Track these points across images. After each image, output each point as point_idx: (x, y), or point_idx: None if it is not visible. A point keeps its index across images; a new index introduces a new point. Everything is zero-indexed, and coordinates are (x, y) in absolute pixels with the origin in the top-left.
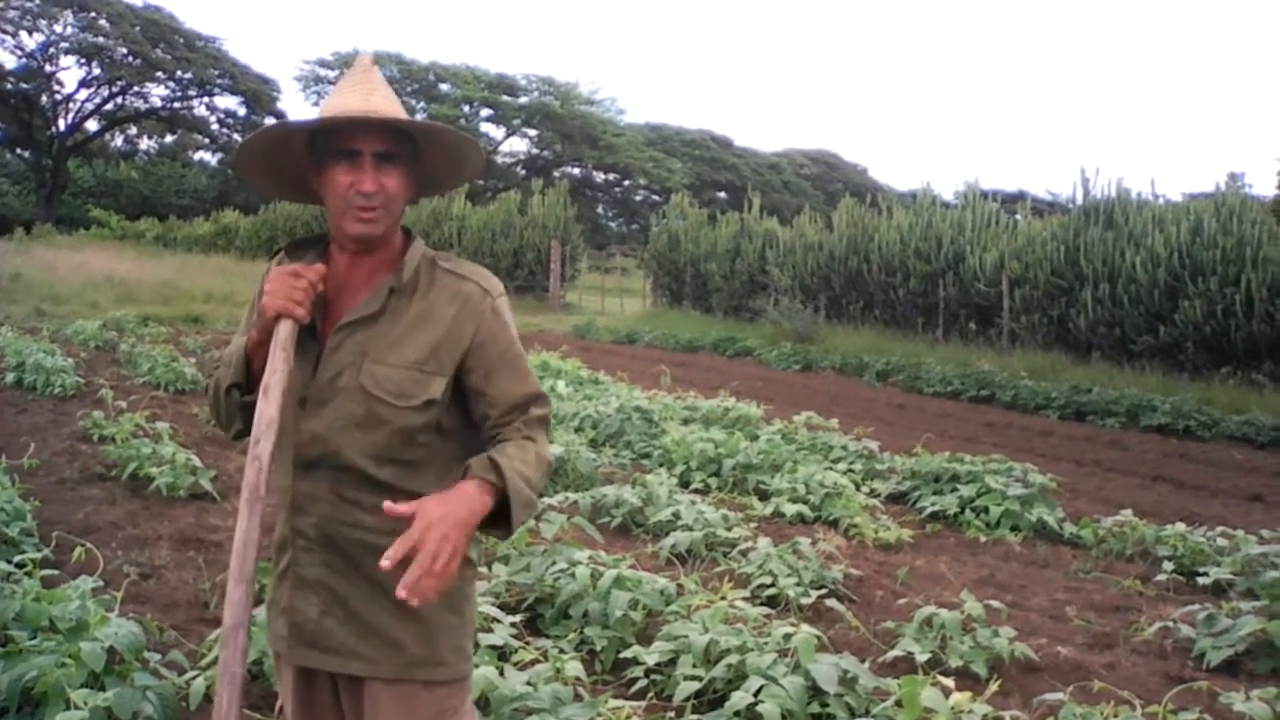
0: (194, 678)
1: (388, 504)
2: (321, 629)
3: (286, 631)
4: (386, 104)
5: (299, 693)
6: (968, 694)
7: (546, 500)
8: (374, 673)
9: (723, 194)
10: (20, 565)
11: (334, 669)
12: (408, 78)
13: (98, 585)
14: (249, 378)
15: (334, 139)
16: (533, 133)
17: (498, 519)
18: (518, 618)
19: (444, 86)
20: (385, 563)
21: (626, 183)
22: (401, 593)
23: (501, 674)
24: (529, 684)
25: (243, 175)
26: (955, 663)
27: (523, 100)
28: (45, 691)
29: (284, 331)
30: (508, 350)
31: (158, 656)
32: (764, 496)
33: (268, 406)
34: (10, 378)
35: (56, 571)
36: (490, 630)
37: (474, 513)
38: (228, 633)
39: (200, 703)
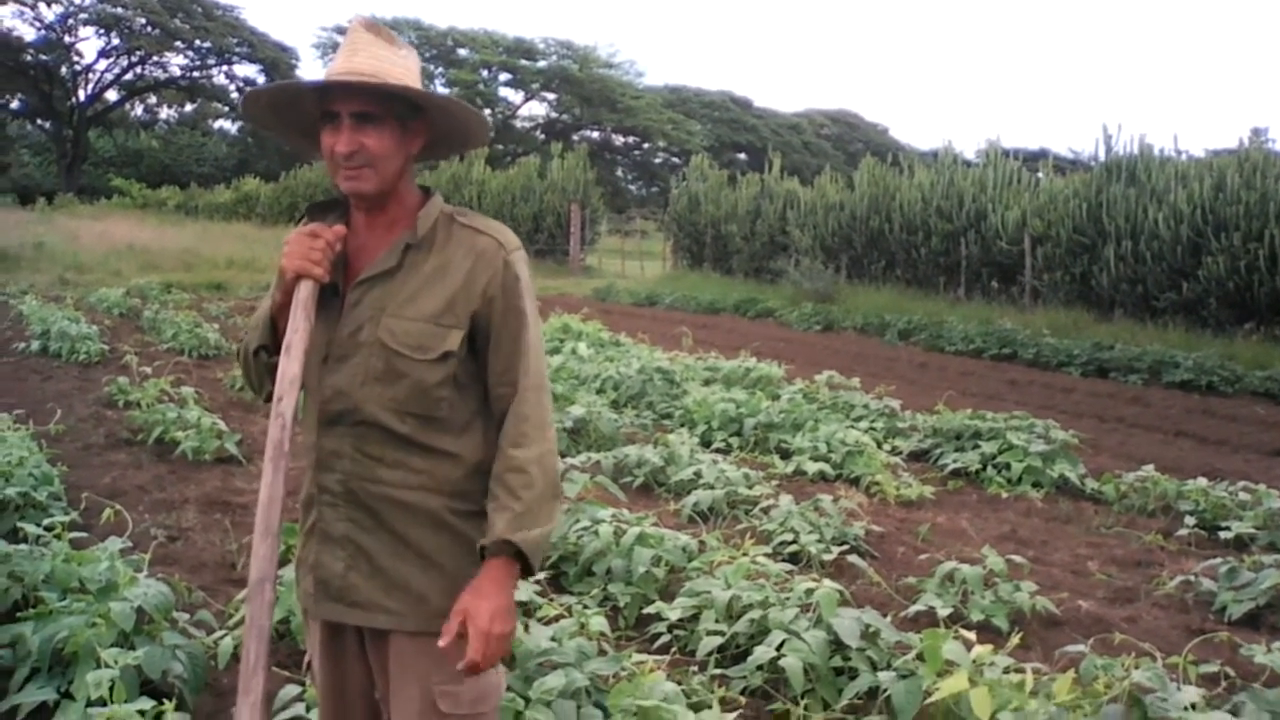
0: (222, 637)
1: (441, 643)
2: (347, 584)
3: (313, 587)
4: (370, 64)
5: (326, 647)
6: (989, 647)
7: (569, 460)
8: (399, 625)
9: (743, 155)
10: (49, 528)
11: (359, 623)
12: (426, 43)
13: (126, 547)
14: (275, 339)
15: (322, 102)
16: (551, 96)
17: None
18: (542, 575)
19: (462, 51)
20: (462, 670)
21: (646, 145)
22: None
23: (526, 630)
24: (553, 639)
25: (247, 109)
26: (977, 617)
27: (541, 64)
28: (76, 651)
29: (304, 291)
30: (514, 307)
31: (186, 616)
32: (785, 455)
33: (290, 364)
34: (35, 345)
35: (85, 534)
36: (515, 587)
37: (510, 593)
38: (254, 586)
39: (229, 661)
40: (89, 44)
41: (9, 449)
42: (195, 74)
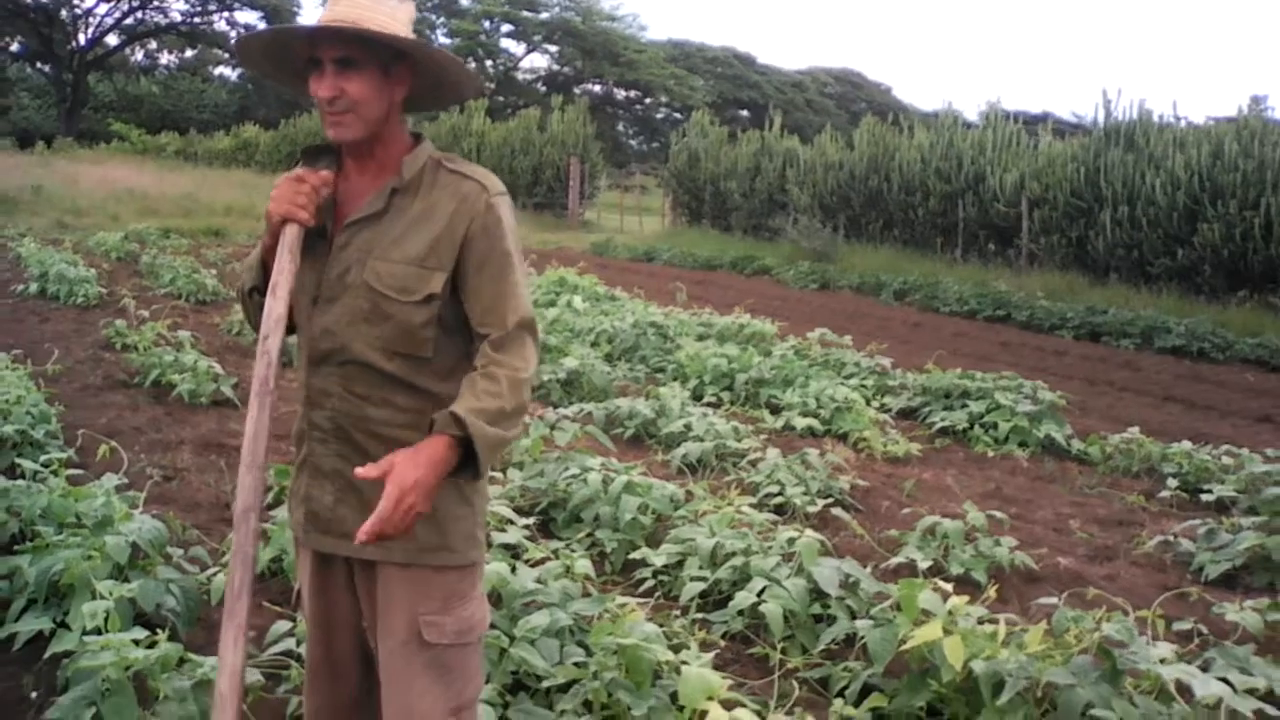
0: (215, 574)
1: (358, 470)
2: (336, 516)
3: (304, 518)
4: (351, 11)
5: (315, 576)
6: (965, 598)
7: (560, 411)
8: (386, 557)
9: (745, 112)
10: (46, 465)
11: (348, 554)
12: None
13: (122, 484)
14: (266, 280)
15: (310, 49)
16: (553, 49)
17: (468, 462)
18: (531, 520)
19: (464, 2)
20: (361, 537)
21: (648, 100)
22: (361, 538)
23: (514, 571)
24: (539, 581)
25: (241, 54)
26: (957, 570)
27: (543, 16)
28: (72, 583)
29: (290, 235)
30: (495, 249)
31: (180, 552)
32: (775, 410)
33: (276, 305)
34: (34, 287)
35: (82, 471)
36: (504, 530)
37: (439, 474)
38: (240, 516)
39: (221, 597)
40: None
41: (7, 387)
42: (196, 20)
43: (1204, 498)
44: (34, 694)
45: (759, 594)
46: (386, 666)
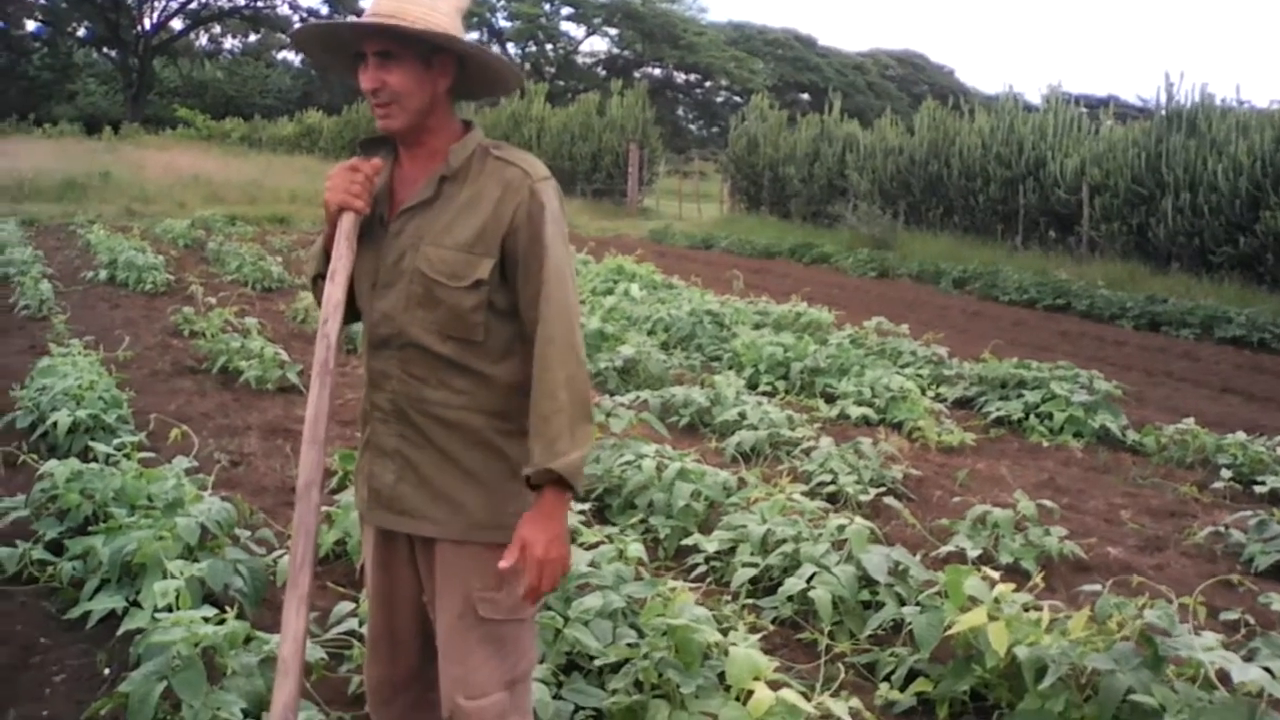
0: (281, 555)
1: (502, 564)
2: (397, 494)
3: (367, 495)
4: (390, 5)
5: (379, 552)
6: (1010, 585)
7: (617, 398)
8: (443, 534)
9: (805, 95)
10: (119, 448)
11: (407, 530)
12: None
13: (192, 467)
14: (329, 266)
15: (355, 43)
16: (613, 31)
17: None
18: (586, 506)
19: None
20: (525, 598)
21: (708, 84)
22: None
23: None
24: (593, 564)
25: (297, 42)
26: (1006, 559)
27: None
28: (144, 563)
29: (346, 223)
30: (536, 236)
31: (248, 534)
32: (830, 399)
33: (334, 290)
34: (103, 274)
35: (153, 454)
36: (565, 512)
37: (562, 519)
38: (302, 490)
39: (286, 578)
40: None
41: (80, 373)
42: (259, 3)
43: (1257, 489)
44: (107, 670)
45: (808, 580)
46: (444, 640)
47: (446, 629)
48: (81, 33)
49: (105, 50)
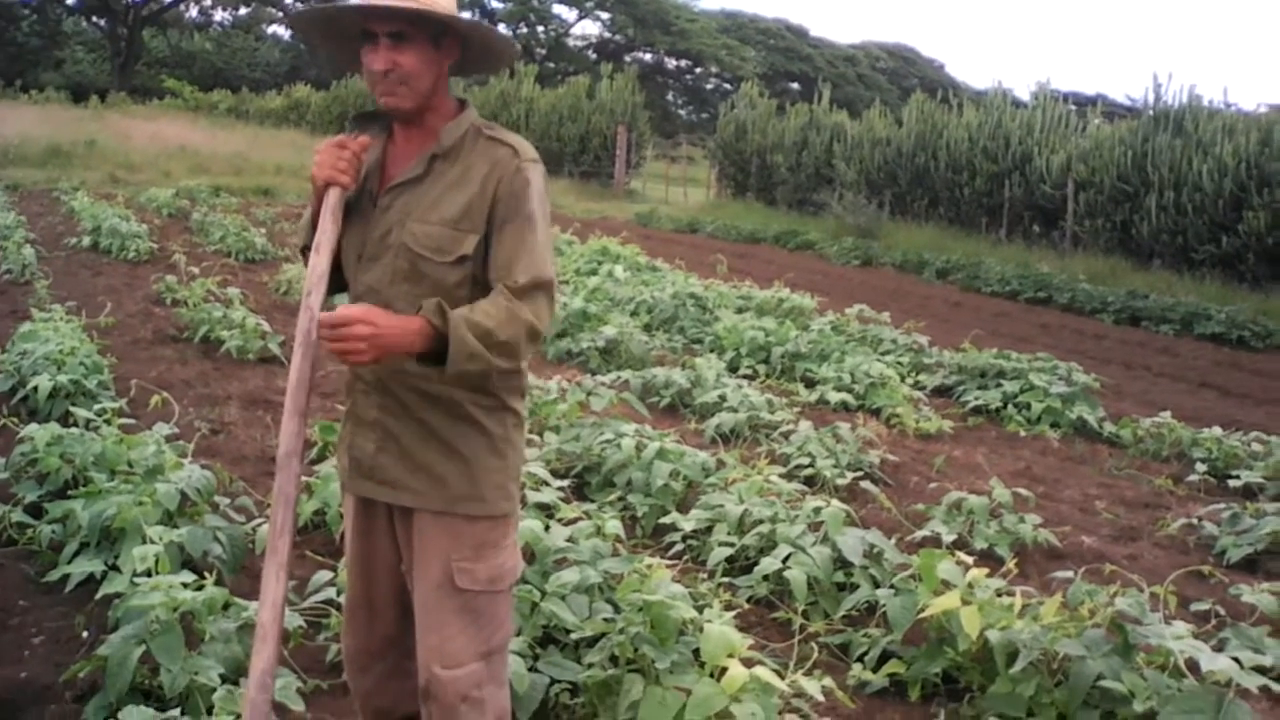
0: (260, 524)
1: (322, 315)
2: (377, 464)
3: (348, 464)
4: None
5: (358, 520)
6: (984, 570)
7: (598, 378)
8: (422, 504)
9: (795, 85)
10: (99, 413)
11: (387, 499)
12: None
13: (172, 434)
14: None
15: (363, 23)
16: (605, 16)
17: (440, 359)
18: (565, 483)
19: None
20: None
21: (698, 70)
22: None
23: (547, 529)
24: (570, 540)
25: (295, 26)
26: (980, 545)
27: None
28: (123, 527)
29: (333, 197)
30: (520, 210)
31: (227, 502)
32: (810, 384)
33: (319, 261)
34: (87, 241)
35: (133, 421)
36: (539, 491)
37: (402, 344)
38: (282, 459)
39: (265, 546)
40: None
41: (61, 338)
42: None
43: (1231, 483)
44: (85, 633)
45: (784, 560)
46: (421, 609)
47: (423, 599)
48: (71, 1)
49: (94, 19)
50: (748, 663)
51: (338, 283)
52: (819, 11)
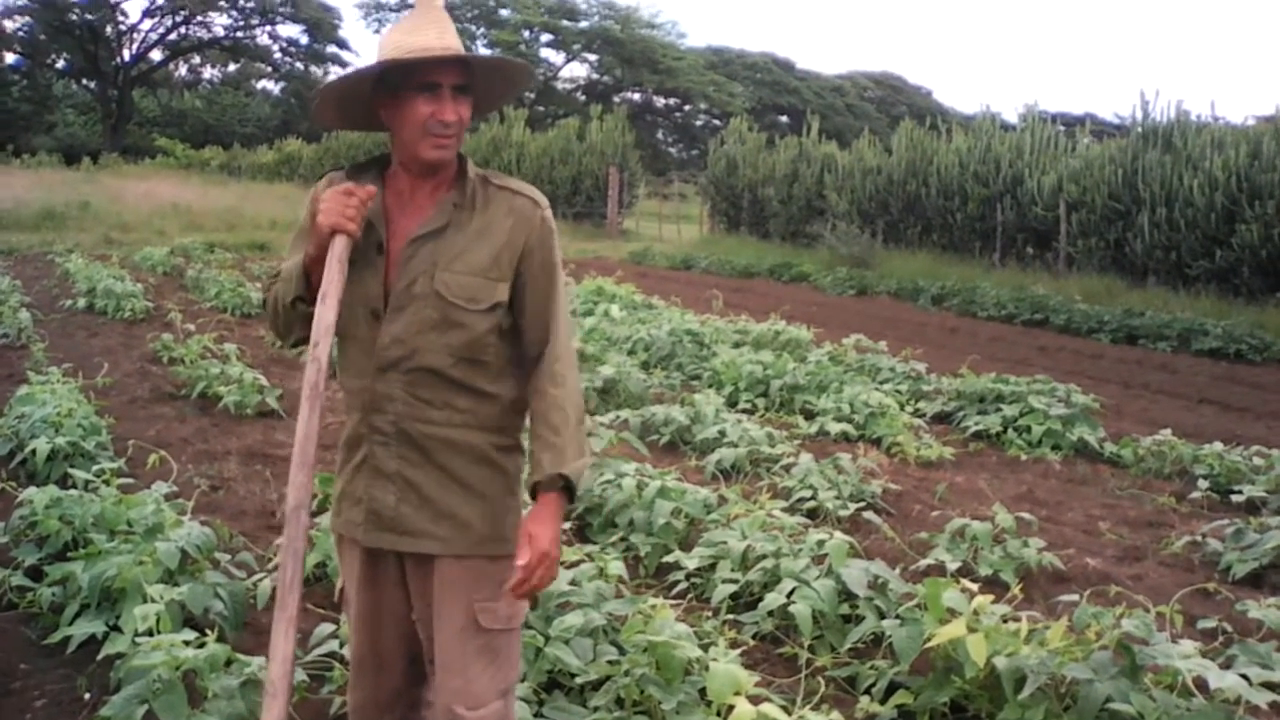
0: (261, 579)
1: (519, 562)
2: (399, 514)
3: (363, 518)
4: (457, 41)
5: (365, 570)
6: (989, 596)
7: (597, 418)
8: (446, 550)
9: (784, 118)
10: (98, 474)
11: (410, 549)
12: (468, 3)
13: (171, 492)
14: (310, 290)
15: (415, 73)
16: (593, 58)
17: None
18: (567, 525)
19: (504, 12)
20: (512, 592)
21: (687, 107)
22: (513, 593)
23: None
24: (574, 582)
25: (317, 110)
26: (985, 571)
27: (583, 25)
28: (124, 587)
29: (339, 246)
30: (548, 261)
31: (227, 558)
32: (809, 416)
33: (326, 312)
34: (82, 302)
35: (132, 480)
36: (564, 518)
37: (561, 522)
38: (291, 512)
39: (267, 602)
40: (134, 3)
41: (59, 401)
42: (239, 34)
43: (1234, 498)
44: (88, 694)
45: (789, 595)
46: (444, 653)
47: (446, 642)
48: (60, 64)
49: (84, 81)
50: (754, 700)
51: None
52: (805, 44)
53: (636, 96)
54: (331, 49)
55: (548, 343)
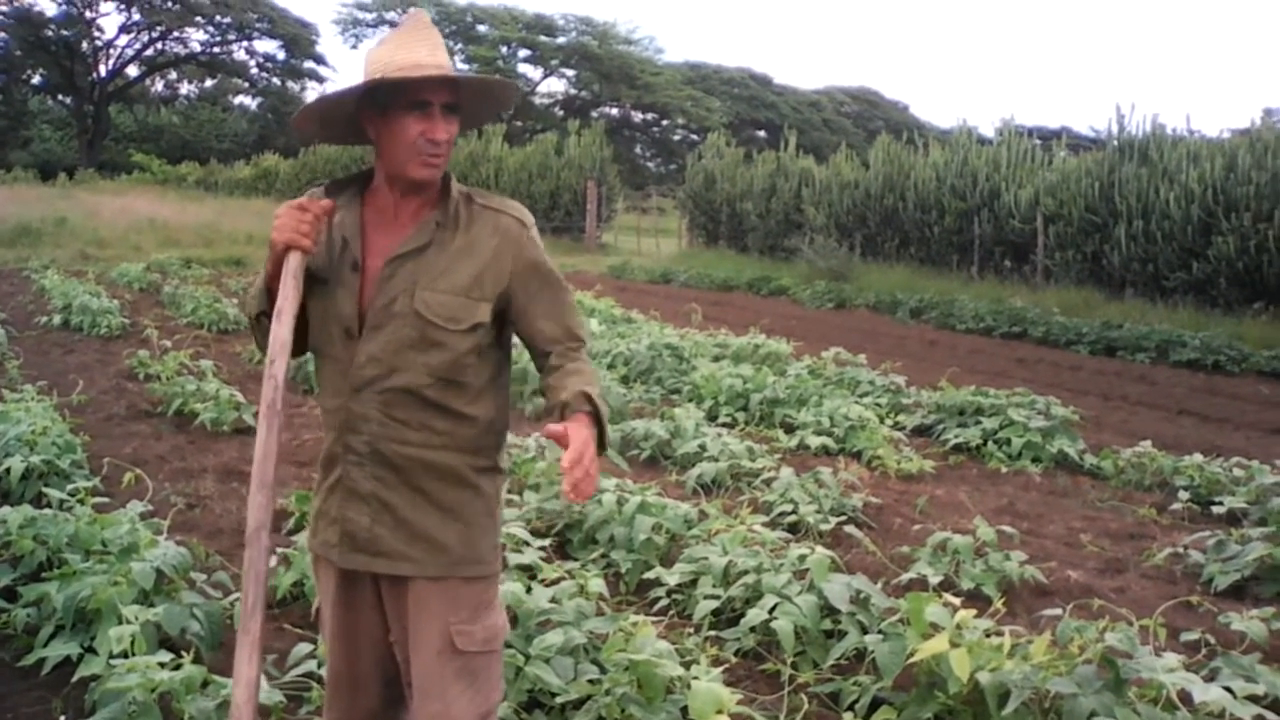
0: (237, 598)
1: (550, 426)
2: (373, 535)
3: (338, 539)
4: (447, 59)
5: (341, 591)
6: (972, 611)
7: None
8: (421, 572)
9: (762, 133)
10: (73, 494)
11: (385, 571)
12: (445, 19)
13: (147, 511)
14: (272, 305)
15: (405, 91)
16: (570, 73)
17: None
18: (547, 542)
19: (481, 28)
20: (564, 464)
21: (665, 122)
22: (570, 494)
23: (529, 591)
24: (554, 600)
25: (298, 120)
26: (967, 585)
27: (560, 40)
28: (99, 608)
29: (294, 262)
30: (549, 275)
31: (204, 578)
32: (789, 430)
33: (280, 329)
34: (58, 319)
35: (107, 499)
36: (520, 552)
37: (594, 434)
38: (251, 534)
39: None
40: (110, 19)
41: (33, 419)
42: (215, 49)
43: (1215, 510)
44: (63, 717)
45: (770, 611)
46: (421, 676)
47: (423, 665)
48: (36, 80)
49: (60, 97)
50: (737, 718)
51: (298, 347)
52: (782, 59)
53: (614, 111)
54: (309, 64)
55: (570, 336)
